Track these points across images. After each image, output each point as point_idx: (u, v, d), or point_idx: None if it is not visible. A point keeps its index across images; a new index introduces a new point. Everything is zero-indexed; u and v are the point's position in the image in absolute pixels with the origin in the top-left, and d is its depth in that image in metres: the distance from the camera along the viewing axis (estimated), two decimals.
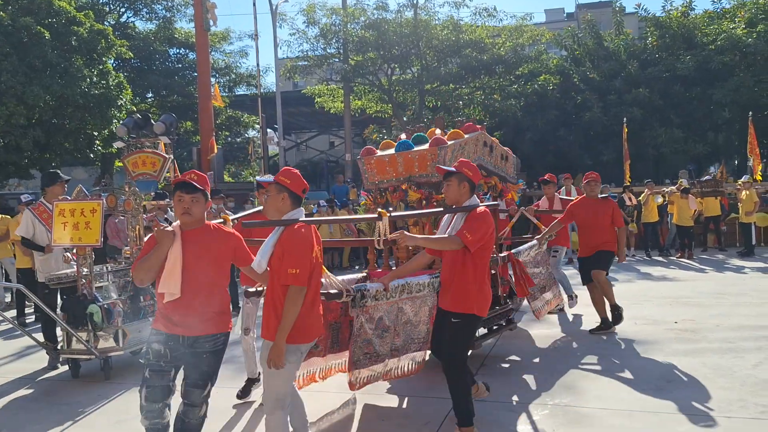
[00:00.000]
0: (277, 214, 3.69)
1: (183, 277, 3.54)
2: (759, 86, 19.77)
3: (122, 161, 7.10)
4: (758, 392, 4.83)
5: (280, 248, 3.56)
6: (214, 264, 3.64)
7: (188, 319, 3.56)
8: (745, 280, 10.35)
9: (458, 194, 4.22)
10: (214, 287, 3.67)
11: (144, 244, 3.87)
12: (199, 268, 3.58)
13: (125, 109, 17.67)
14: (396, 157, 5.98)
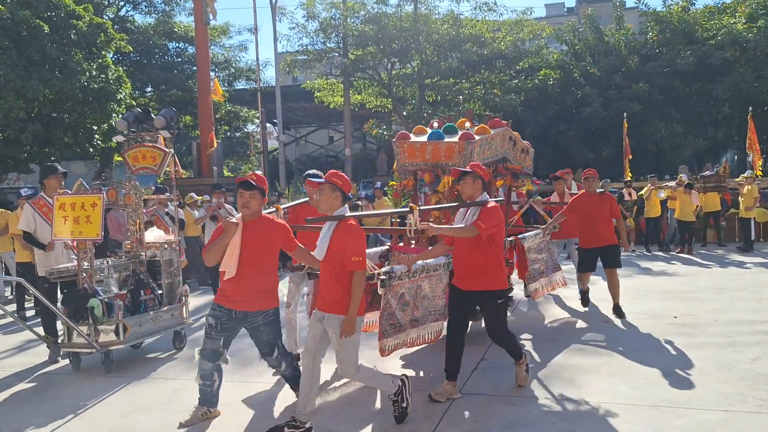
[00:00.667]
0: (330, 210, 4.36)
1: (240, 259, 4.37)
2: (759, 81, 19.76)
3: (122, 155, 7.10)
4: (756, 386, 4.85)
5: (338, 239, 4.25)
6: (265, 249, 4.44)
7: (242, 295, 4.43)
8: (744, 275, 10.37)
9: (473, 190, 4.88)
10: (265, 269, 4.49)
11: (213, 232, 4.64)
12: (253, 253, 4.39)
13: (124, 104, 17.66)
14: (426, 144, 6.46)
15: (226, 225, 4.42)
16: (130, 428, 4.69)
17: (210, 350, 4.57)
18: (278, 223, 4.60)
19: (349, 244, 4.22)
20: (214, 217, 9.14)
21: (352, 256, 4.20)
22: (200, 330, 7.89)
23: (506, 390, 5.07)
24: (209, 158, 15.97)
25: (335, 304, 4.25)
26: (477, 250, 4.75)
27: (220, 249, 4.40)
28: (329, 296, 4.30)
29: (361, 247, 4.30)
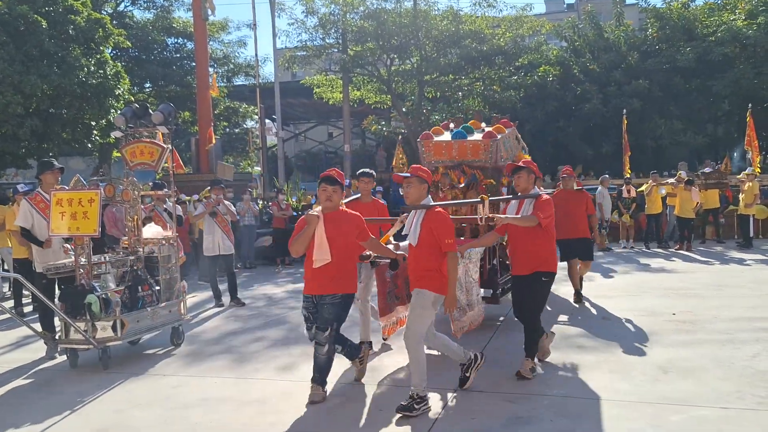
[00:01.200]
0: (418, 200, 4.81)
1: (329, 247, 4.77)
2: (759, 78, 19.73)
3: (120, 151, 7.07)
4: (755, 383, 4.84)
5: (428, 226, 4.67)
6: (344, 239, 4.87)
7: (320, 280, 4.85)
8: (743, 272, 10.36)
9: (527, 184, 5.40)
10: (346, 256, 4.92)
11: (296, 225, 5.04)
12: (335, 241, 4.80)
13: (123, 99, 17.60)
14: (453, 143, 7.04)
15: (309, 218, 4.85)
16: (127, 424, 4.67)
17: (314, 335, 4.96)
18: (353, 214, 5.06)
19: (440, 229, 4.65)
20: (213, 213, 9.12)
21: (446, 239, 4.64)
22: (198, 326, 7.90)
23: (505, 387, 5.06)
24: (208, 154, 15.93)
25: (425, 280, 4.68)
26: (533, 238, 5.25)
27: (306, 240, 4.83)
28: (419, 275, 4.73)
29: (451, 231, 4.75)
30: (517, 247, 5.41)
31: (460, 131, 7.24)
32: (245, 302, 9.36)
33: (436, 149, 7.15)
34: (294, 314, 8.38)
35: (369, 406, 4.80)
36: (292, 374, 5.70)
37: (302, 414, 4.66)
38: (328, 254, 4.78)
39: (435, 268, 4.68)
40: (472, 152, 7.04)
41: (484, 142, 6.93)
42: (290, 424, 4.48)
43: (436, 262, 4.68)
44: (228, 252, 9.31)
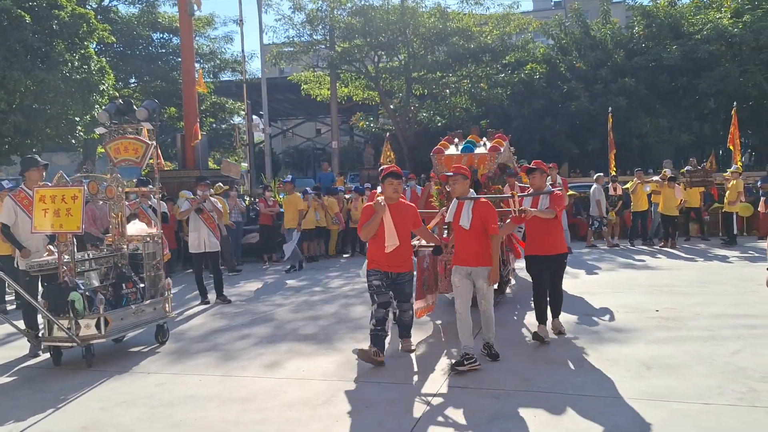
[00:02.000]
0: (465, 193, 5.74)
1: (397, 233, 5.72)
2: (745, 76, 19.93)
3: (104, 147, 7.01)
4: (736, 379, 4.90)
5: (478, 213, 5.58)
6: (406, 225, 5.86)
7: (395, 261, 5.79)
8: (726, 269, 10.47)
9: (541, 182, 6.48)
10: (407, 240, 5.94)
11: (362, 213, 5.98)
12: (400, 228, 5.77)
13: (107, 95, 17.46)
14: (462, 156, 8.01)
15: (377, 207, 5.68)
16: (111, 422, 4.64)
17: (385, 301, 5.74)
18: (409, 204, 6.17)
19: (487, 216, 5.61)
20: (199, 209, 9.07)
21: (492, 224, 5.59)
22: (183, 324, 7.87)
23: (490, 384, 5.08)
24: (194, 150, 15.82)
25: (480, 257, 5.60)
26: (550, 227, 6.28)
27: (375, 226, 5.71)
28: (473, 254, 5.61)
29: (496, 217, 5.73)
30: (536, 234, 6.38)
31: (467, 146, 8.28)
32: (231, 299, 9.32)
33: (447, 161, 8.07)
34: (281, 311, 8.37)
35: (354, 403, 4.80)
36: (279, 371, 5.69)
37: (288, 411, 4.66)
38: (396, 239, 5.72)
39: (485, 249, 5.62)
40: (480, 162, 8.00)
41: (490, 154, 8.00)
42: (276, 421, 4.48)
43: (485, 243, 5.62)
44: (214, 249, 9.26)
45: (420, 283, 6.94)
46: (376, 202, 5.74)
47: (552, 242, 6.30)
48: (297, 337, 6.95)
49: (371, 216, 5.73)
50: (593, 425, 4.16)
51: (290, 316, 8.12)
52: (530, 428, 4.18)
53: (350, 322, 7.56)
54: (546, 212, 6.16)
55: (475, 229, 5.59)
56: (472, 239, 5.62)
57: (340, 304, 8.70)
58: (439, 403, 4.70)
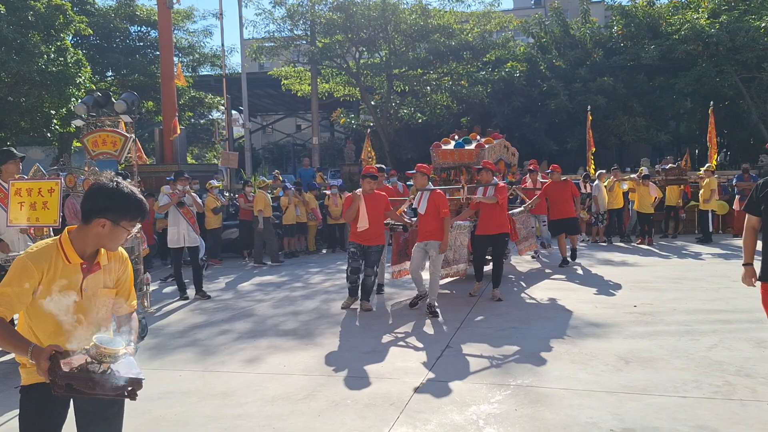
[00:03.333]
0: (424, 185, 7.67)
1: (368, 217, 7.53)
2: (721, 76, 20.22)
3: (81, 140, 6.91)
4: (711, 373, 4.98)
5: (433, 201, 7.43)
6: (377, 211, 7.62)
7: (368, 237, 7.58)
8: (701, 266, 10.64)
9: (488, 177, 8.27)
10: (379, 221, 7.71)
11: (345, 200, 8.02)
12: (371, 213, 7.54)
13: (84, 88, 17.19)
14: (455, 151, 9.64)
15: (354, 197, 7.53)
16: None
17: (355, 266, 7.67)
18: (383, 194, 7.91)
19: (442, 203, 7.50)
20: (180, 203, 8.99)
21: (443, 209, 7.45)
22: (162, 319, 7.80)
23: (470, 377, 5.11)
24: (172, 145, 15.66)
25: (435, 235, 7.44)
26: (495, 211, 8.08)
27: (354, 211, 7.50)
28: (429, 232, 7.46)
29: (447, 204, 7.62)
30: (484, 218, 8.16)
31: (460, 142, 9.74)
32: (210, 295, 9.25)
33: (443, 155, 9.74)
34: (261, 307, 8.33)
35: (336, 398, 4.80)
36: (258, 367, 5.66)
37: (268, 406, 4.64)
38: (366, 223, 7.51)
39: (438, 228, 7.42)
40: (468, 157, 9.45)
41: (476, 150, 9.45)
42: (255, 416, 4.46)
43: (438, 224, 7.43)
44: (194, 244, 9.18)
45: (396, 252, 8.72)
46: (354, 193, 7.55)
47: (494, 224, 8.05)
48: (277, 332, 6.92)
49: (350, 204, 7.54)
50: (571, 418, 4.21)
51: (271, 311, 8.08)
52: (510, 421, 4.21)
53: (331, 318, 7.55)
54: (488, 199, 8.00)
55: (430, 213, 7.42)
56: (428, 221, 7.45)
57: (321, 300, 8.68)
58: (421, 397, 4.71)
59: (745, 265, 4.43)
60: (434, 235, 7.40)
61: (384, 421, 4.29)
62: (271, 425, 4.30)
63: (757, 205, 4.29)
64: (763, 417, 4.12)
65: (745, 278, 4.43)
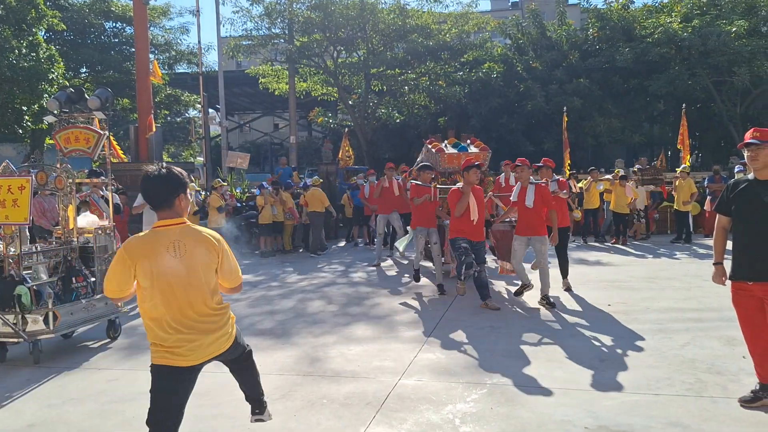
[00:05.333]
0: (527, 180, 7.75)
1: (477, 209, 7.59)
2: (693, 79, 20.55)
3: (53, 137, 6.78)
4: (684, 371, 5.06)
5: (539, 195, 7.56)
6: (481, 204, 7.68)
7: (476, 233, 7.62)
8: (674, 266, 10.80)
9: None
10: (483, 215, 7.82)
11: (450, 194, 7.75)
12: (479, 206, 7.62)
13: (57, 84, 16.90)
14: (460, 155, 9.63)
15: (464, 190, 7.48)
16: (60, 419, 4.50)
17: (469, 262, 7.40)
18: (480, 188, 7.92)
19: (548, 197, 7.66)
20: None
21: (551, 202, 7.68)
22: (137, 318, 7.68)
23: (447, 376, 5.12)
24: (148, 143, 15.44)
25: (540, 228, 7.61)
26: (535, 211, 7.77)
27: (465, 205, 7.46)
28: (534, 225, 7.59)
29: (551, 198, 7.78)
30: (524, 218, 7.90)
31: (462, 146, 10.01)
32: None
33: (449, 159, 9.81)
34: (238, 306, 8.25)
35: (312, 397, 4.77)
36: None
37: (243, 406, 4.59)
38: (477, 214, 7.51)
39: (542, 222, 7.60)
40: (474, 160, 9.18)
41: (483, 153, 9.73)
42: (231, 416, 4.42)
43: (542, 218, 7.59)
44: None
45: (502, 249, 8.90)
46: (461, 187, 7.56)
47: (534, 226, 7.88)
48: (254, 331, 6.87)
49: (460, 198, 7.48)
50: (547, 416, 4.24)
51: (247, 311, 8.02)
52: (486, 420, 4.23)
53: (308, 317, 7.51)
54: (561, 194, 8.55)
55: (537, 206, 7.52)
56: (534, 214, 7.53)
57: (298, 299, 8.64)
58: (398, 396, 4.71)
59: (715, 264, 4.51)
60: (538, 230, 7.57)
61: (360, 421, 4.28)
62: (247, 425, 4.26)
63: (728, 206, 4.37)
64: (733, 413, 4.19)
65: (715, 277, 4.52)
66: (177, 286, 2.89)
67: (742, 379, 4.78)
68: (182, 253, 2.87)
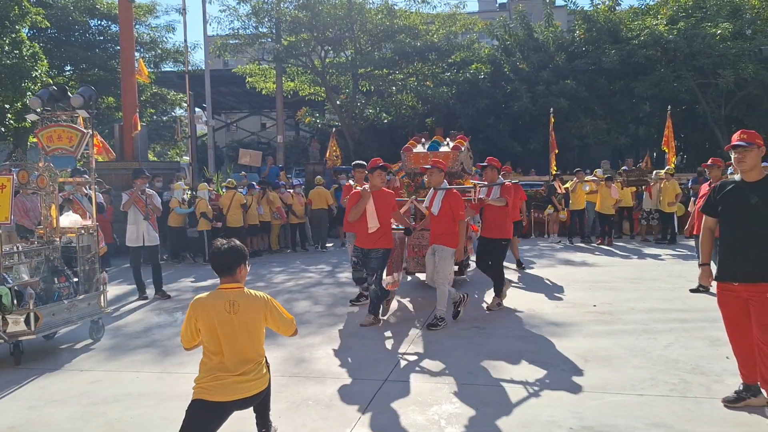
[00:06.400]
0: (439, 184, 6.82)
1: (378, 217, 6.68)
2: (678, 81, 20.71)
3: (35, 135, 6.69)
4: (668, 371, 5.09)
5: (448, 201, 6.69)
6: (386, 209, 6.76)
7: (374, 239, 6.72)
8: (659, 266, 10.87)
9: (493, 176, 7.57)
10: (387, 222, 6.81)
11: (350, 197, 6.90)
12: (380, 212, 6.70)
13: (40, 82, 16.70)
14: (428, 154, 8.81)
15: (363, 193, 6.65)
16: (41, 421, 4.44)
17: (358, 277, 6.96)
18: (391, 192, 7.07)
19: (457, 204, 6.71)
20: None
21: (459, 211, 6.69)
22: (120, 319, 7.62)
23: (433, 378, 5.11)
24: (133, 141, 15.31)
25: (446, 238, 6.69)
26: (499, 213, 7.34)
27: (361, 210, 6.63)
28: (440, 235, 6.72)
29: (463, 206, 6.84)
30: (488, 219, 7.45)
31: (434, 144, 9.13)
32: (170, 295, 9.08)
33: (416, 159, 8.97)
34: None
35: (296, 399, 4.75)
36: None
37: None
38: (377, 222, 6.65)
39: (451, 231, 6.68)
40: (443, 159, 8.33)
41: (453, 153, 8.78)
42: None
43: (451, 227, 6.68)
44: (153, 243, 9.00)
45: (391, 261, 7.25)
46: (363, 189, 6.77)
47: (496, 228, 7.38)
48: None
49: (357, 201, 6.73)
50: (532, 417, 4.24)
51: None
52: (471, 421, 4.23)
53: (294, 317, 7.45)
54: (497, 201, 7.26)
55: (444, 215, 6.71)
56: (440, 223, 6.75)
57: (284, 299, 8.59)
58: (383, 399, 4.69)
59: (702, 265, 4.54)
60: (444, 239, 6.70)
61: (346, 422, 4.26)
62: (231, 427, 4.22)
63: (714, 207, 4.39)
64: (716, 414, 4.22)
65: (702, 278, 4.54)
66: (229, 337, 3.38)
67: (725, 379, 4.81)
68: (236, 311, 3.37)
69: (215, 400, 3.30)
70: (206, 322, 3.36)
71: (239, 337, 3.37)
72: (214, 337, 3.35)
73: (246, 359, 3.39)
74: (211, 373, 3.34)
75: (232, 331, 3.35)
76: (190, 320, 3.41)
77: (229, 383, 3.32)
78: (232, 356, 3.34)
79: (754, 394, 4.29)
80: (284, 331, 3.67)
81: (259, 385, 3.48)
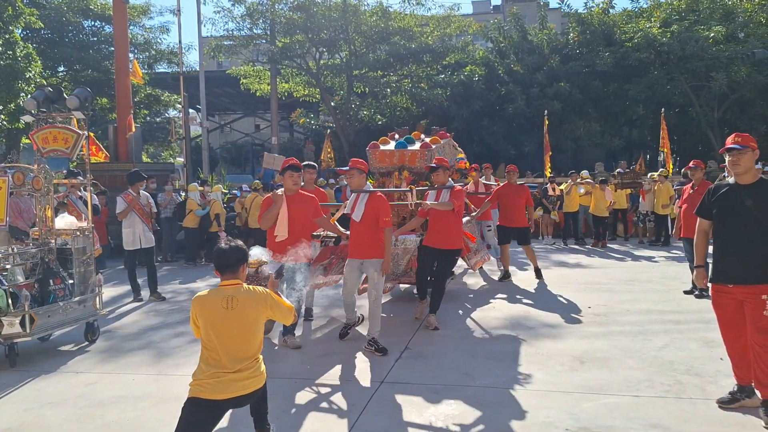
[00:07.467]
0: (360, 186, 5.97)
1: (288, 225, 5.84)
2: (671, 84, 20.81)
3: (30, 137, 6.67)
4: (663, 372, 5.11)
5: (371, 206, 5.81)
6: (303, 217, 5.92)
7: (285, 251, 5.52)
8: (653, 268, 10.92)
9: (444, 179, 6.84)
10: (304, 230, 5.97)
11: (263, 202, 6.09)
12: (295, 220, 5.85)
13: (34, 83, 16.64)
14: (395, 152, 8.13)
15: (275, 197, 5.85)
16: (37, 423, 4.43)
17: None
18: (310, 196, 6.21)
19: (382, 209, 5.80)
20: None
21: (384, 217, 5.78)
22: (116, 321, 7.60)
23: (428, 378, 5.12)
24: (127, 143, 15.27)
25: (374, 249, 5.82)
26: (448, 221, 6.58)
27: (274, 217, 5.83)
28: (365, 245, 5.83)
29: (389, 211, 5.94)
30: (435, 227, 6.70)
31: (402, 142, 8.30)
32: (166, 297, 9.06)
33: (381, 157, 8.23)
34: None
35: (287, 403, 4.75)
36: None
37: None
38: (286, 232, 5.81)
39: (377, 241, 5.82)
40: (410, 160, 8.07)
41: (421, 151, 8.02)
42: None
43: (377, 236, 5.82)
44: (149, 245, 8.98)
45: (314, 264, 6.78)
46: (274, 192, 6.05)
47: (444, 236, 6.68)
48: None
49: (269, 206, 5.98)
50: (529, 418, 4.26)
51: None
52: (468, 423, 4.24)
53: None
54: (442, 205, 6.54)
55: (367, 222, 5.84)
56: (364, 232, 5.87)
57: None
58: (379, 399, 4.70)
59: (697, 267, 4.57)
60: (372, 251, 5.80)
61: (342, 424, 4.27)
62: (231, 428, 4.23)
63: (709, 210, 4.42)
64: (711, 414, 4.24)
65: (697, 280, 4.58)
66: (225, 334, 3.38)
67: (720, 380, 4.84)
68: (234, 306, 3.39)
69: (211, 398, 3.32)
70: (204, 318, 3.41)
71: (236, 334, 3.39)
72: (211, 333, 3.38)
73: (243, 356, 3.40)
74: (208, 368, 3.37)
75: (228, 327, 3.38)
76: (192, 316, 3.51)
77: (225, 381, 3.33)
78: (228, 353, 3.36)
79: (749, 395, 4.32)
80: (285, 320, 3.77)
81: (255, 383, 3.48)
